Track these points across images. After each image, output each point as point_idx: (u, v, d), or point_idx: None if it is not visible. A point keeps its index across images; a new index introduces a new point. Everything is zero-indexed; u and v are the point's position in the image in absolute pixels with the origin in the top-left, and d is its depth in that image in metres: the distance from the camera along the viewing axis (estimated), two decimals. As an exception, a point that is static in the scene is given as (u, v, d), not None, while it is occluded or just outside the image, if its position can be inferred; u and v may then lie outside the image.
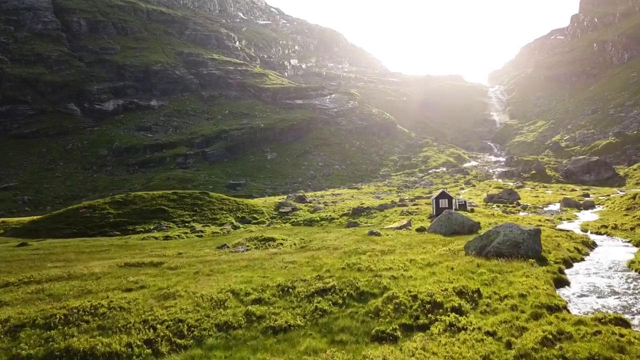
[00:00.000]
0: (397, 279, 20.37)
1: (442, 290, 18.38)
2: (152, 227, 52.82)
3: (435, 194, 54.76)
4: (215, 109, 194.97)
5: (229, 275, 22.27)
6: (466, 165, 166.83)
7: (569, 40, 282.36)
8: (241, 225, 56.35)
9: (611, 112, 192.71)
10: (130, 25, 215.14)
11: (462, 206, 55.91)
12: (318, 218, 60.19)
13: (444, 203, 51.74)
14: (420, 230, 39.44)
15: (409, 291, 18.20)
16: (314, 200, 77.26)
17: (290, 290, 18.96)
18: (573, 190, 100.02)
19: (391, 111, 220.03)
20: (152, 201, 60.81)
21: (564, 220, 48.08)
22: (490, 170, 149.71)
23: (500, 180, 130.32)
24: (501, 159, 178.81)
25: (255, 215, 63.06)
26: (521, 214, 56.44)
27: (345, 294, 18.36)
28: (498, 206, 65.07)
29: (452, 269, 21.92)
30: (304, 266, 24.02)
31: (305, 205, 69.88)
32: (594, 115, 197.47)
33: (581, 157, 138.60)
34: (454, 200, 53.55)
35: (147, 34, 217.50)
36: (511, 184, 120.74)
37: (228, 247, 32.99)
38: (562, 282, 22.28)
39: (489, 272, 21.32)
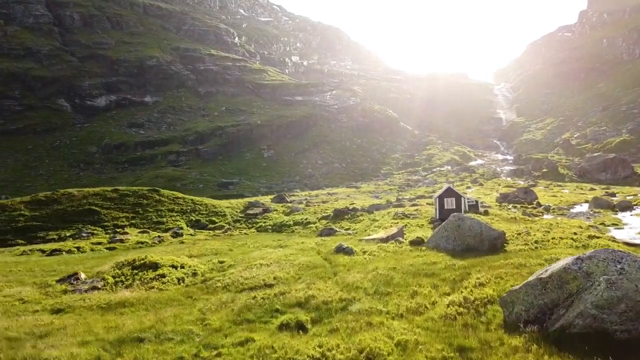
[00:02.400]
0: None
1: None
2: (69, 234, 42.26)
3: (439, 190, 43.91)
4: (212, 106, 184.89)
5: None
6: (472, 163, 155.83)
7: (576, 36, 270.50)
8: (192, 231, 45.83)
9: (623, 108, 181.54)
10: (126, 19, 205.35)
11: (474, 207, 45.27)
12: (291, 222, 49.88)
13: (450, 203, 40.23)
14: (416, 243, 27.75)
15: None
16: (296, 200, 66.52)
17: None
18: (592, 189, 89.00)
19: (394, 109, 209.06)
20: (82, 200, 50.13)
21: (608, 225, 37.20)
22: (498, 169, 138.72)
23: (509, 179, 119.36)
24: (508, 157, 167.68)
25: (214, 219, 52.63)
26: (546, 217, 45.74)
27: None
28: (515, 207, 54.30)
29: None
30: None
31: (282, 206, 59.31)
32: (605, 112, 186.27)
33: (596, 154, 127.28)
34: (463, 200, 41.77)
35: (143, 29, 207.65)
36: (522, 182, 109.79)
37: (79, 279, 22.58)
38: None
39: None
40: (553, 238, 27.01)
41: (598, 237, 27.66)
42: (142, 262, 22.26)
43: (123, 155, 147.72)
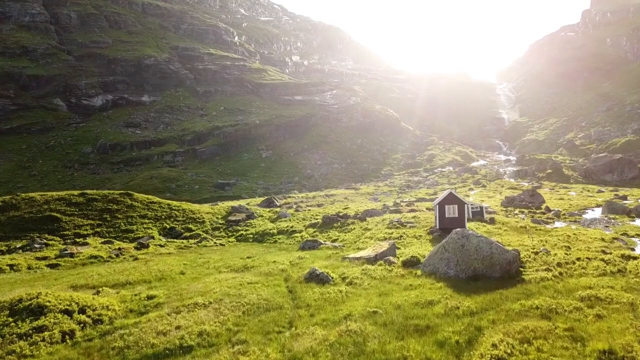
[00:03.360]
0: None
1: None
2: (19, 246, 37.68)
3: (440, 196, 39.08)
4: (210, 105, 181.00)
5: None
6: (474, 164, 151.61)
7: (580, 36, 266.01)
8: (163, 241, 41.56)
9: (628, 108, 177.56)
10: (124, 18, 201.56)
11: (478, 213, 41.37)
12: (275, 230, 45.66)
13: (451, 211, 35.13)
14: (410, 264, 22.91)
15: None
16: (286, 205, 62.17)
17: None
18: (600, 191, 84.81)
19: (396, 109, 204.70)
20: (43, 206, 45.79)
21: (632, 236, 32.53)
22: (501, 170, 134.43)
23: (512, 180, 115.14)
24: (511, 157, 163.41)
25: (190, 226, 48.40)
26: (558, 224, 41.60)
27: None
28: (522, 212, 50.12)
29: None
30: None
31: (269, 211, 55.02)
32: (610, 112, 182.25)
33: (602, 155, 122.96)
34: (466, 207, 36.59)
35: (142, 28, 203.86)
36: (526, 184, 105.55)
37: None
38: None
39: None
40: (578, 259, 22.45)
41: (635, 259, 22.18)
42: (28, 303, 15.81)
43: (118, 156, 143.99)
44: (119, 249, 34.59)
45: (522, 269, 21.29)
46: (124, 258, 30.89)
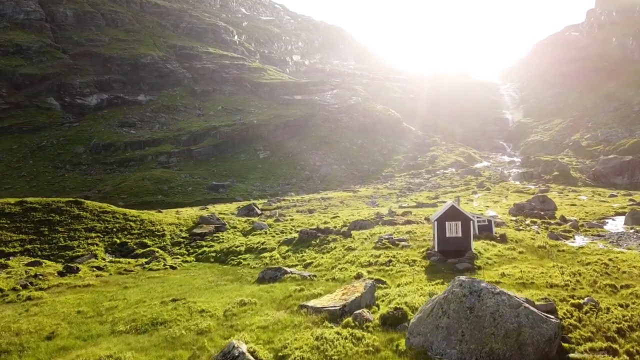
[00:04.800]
0: None
1: None
2: None
3: (440, 210, 32.16)
4: (208, 105, 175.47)
5: None
6: (477, 165, 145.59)
7: (584, 35, 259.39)
8: (106, 261, 35.44)
9: (636, 109, 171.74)
10: (121, 16, 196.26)
11: (486, 228, 35.15)
12: (242, 248, 39.38)
13: (454, 229, 28.61)
14: (392, 323, 16.14)
15: None
16: (269, 214, 55.78)
17: None
18: (612, 195, 78.83)
19: (397, 109, 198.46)
20: None
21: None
22: (505, 172, 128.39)
23: (518, 183, 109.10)
24: (516, 159, 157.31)
25: (146, 241, 42.42)
26: (579, 239, 35.69)
27: None
28: (534, 222, 44.23)
29: None
30: None
31: (244, 221, 49.04)
32: (617, 112, 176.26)
33: (611, 156, 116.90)
34: (472, 224, 30.06)
35: (139, 26, 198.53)
36: (532, 187, 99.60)
37: None
38: None
39: None
40: (645, 316, 16.12)
41: None
42: None
43: (112, 156, 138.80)
44: (35, 275, 28.44)
45: (566, 345, 13.96)
46: (17, 296, 24.84)
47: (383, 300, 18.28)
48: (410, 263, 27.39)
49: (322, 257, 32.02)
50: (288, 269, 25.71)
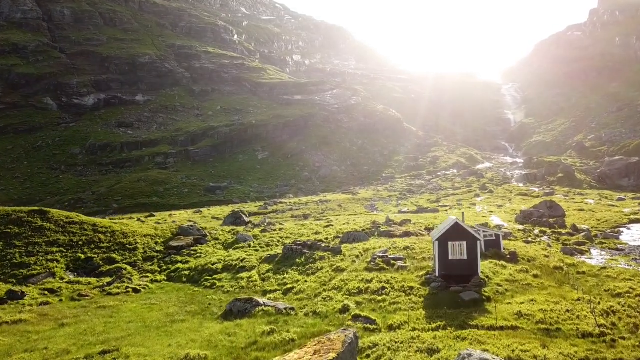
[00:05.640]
0: None
1: None
2: None
3: (441, 226, 27.73)
4: (207, 105, 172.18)
5: None
6: (479, 166, 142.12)
7: (587, 35, 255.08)
8: (65, 281, 31.58)
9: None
10: (120, 16, 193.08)
11: (493, 244, 30.98)
12: (220, 265, 35.63)
13: (458, 250, 24.44)
14: None
15: None
16: (260, 217, 52.00)
17: None
18: (620, 199, 75.34)
19: (399, 109, 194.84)
20: None
21: None
22: (508, 173, 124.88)
23: (521, 185, 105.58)
24: (518, 160, 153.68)
25: (115, 256, 38.55)
26: (596, 254, 32.18)
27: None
28: (543, 232, 40.83)
29: None
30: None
31: (228, 232, 45.32)
32: (620, 112, 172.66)
33: (617, 158, 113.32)
34: (479, 244, 25.44)
35: (138, 26, 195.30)
36: (536, 189, 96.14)
37: None
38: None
39: None
40: None
41: None
42: None
43: (108, 157, 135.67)
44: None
45: None
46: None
47: (369, 357, 14.81)
48: (407, 291, 23.83)
49: (305, 281, 28.45)
50: (261, 300, 22.20)
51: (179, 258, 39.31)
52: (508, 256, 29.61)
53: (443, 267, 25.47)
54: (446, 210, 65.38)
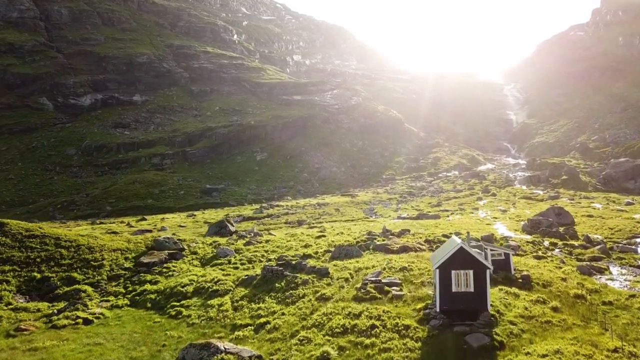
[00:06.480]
0: None
1: None
2: None
3: (443, 250, 23.51)
4: (205, 105, 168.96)
5: None
6: (481, 168, 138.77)
7: (590, 35, 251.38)
8: (10, 307, 28.04)
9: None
10: (118, 15, 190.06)
11: (502, 264, 26.94)
12: (191, 288, 31.63)
13: (463, 280, 20.68)
14: None
15: None
16: (243, 233, 47.97)
17: None
18: (629, 203, 72.08)
19: (399, 109, 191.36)
20: None
21: None
22: (511, 175, 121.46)
23: (525, 187, 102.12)
24: (521, 161, 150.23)
25: (75, 275, 34.64)
26: (616, 272, 28.75)
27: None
28: (554, 245, 37.49)
29: None
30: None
31: (209, 245, 41.60)
32: (624, 113, 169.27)
33: (622, 160, 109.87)
34: (489, 272, 21.47)
35: (136, 25, 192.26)
36: (540, 192, 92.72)
37: None
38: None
39: None
40: None
41: None
42: None
43: (104, 158, 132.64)
44: None
45: None
46: None
47: None
48: (401, 331, 20.09)
49: (283, 313, 24.76)
50: (222, 345, 18.79)
51: (149, 277, 35.34)
52: (520, 280, 25.72)
53: (445, 301, 21.50)
54: (447, 216, 62.02)
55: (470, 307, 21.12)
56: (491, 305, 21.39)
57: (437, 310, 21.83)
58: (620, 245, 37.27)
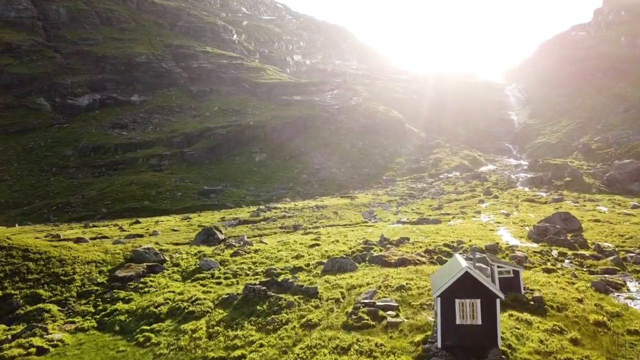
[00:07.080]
0: None
1: None
2: None
3: (445, 276, 19.73)
4: (204, 106, 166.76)
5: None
6: (483, 169, 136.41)
7: (592, 35, 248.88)
8: None
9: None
10: (117, 15, 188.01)
11: (511, 284, 23.57)
12: (165, 309, 28.58)
13: (469, 310, 17.75)
14: None
15: None
16: (235, 239, 45.74)
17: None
18: (635, 206, 69.68)
19: (400, 110, 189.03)
20: None
21: None
22: (513, 176, 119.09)
23: (527, 189, 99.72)
24: (522, 162, 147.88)
25: (41, 291, 31.52)
26: (634, 289, 26.62)
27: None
28: (563, 255, 35.21)
29: None
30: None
31: (194, 255, 38.83)
32: (627, 113, 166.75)
33: (627, 161, 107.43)
34: (499, 301, 18.32)
35: (135, 25, 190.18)
36: (544, 194, 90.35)
37: None
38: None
39: None
40: None
41: None
42: None
43: (101, 159, 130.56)
44: None
45: None
46: None
47: None
48: None
49: (262, 344, 22.04)
50: None
51: (122, 294, 32.40)
52: (532, 303, 22.65)
53: (448, 335, 18.44)
54: (449, 220, 59.69)
55: (477, 343, 18.42)
56: (501, 338, 18.53)
57: (439, 346, 18.86)
58: (634, 255, 34.93)
